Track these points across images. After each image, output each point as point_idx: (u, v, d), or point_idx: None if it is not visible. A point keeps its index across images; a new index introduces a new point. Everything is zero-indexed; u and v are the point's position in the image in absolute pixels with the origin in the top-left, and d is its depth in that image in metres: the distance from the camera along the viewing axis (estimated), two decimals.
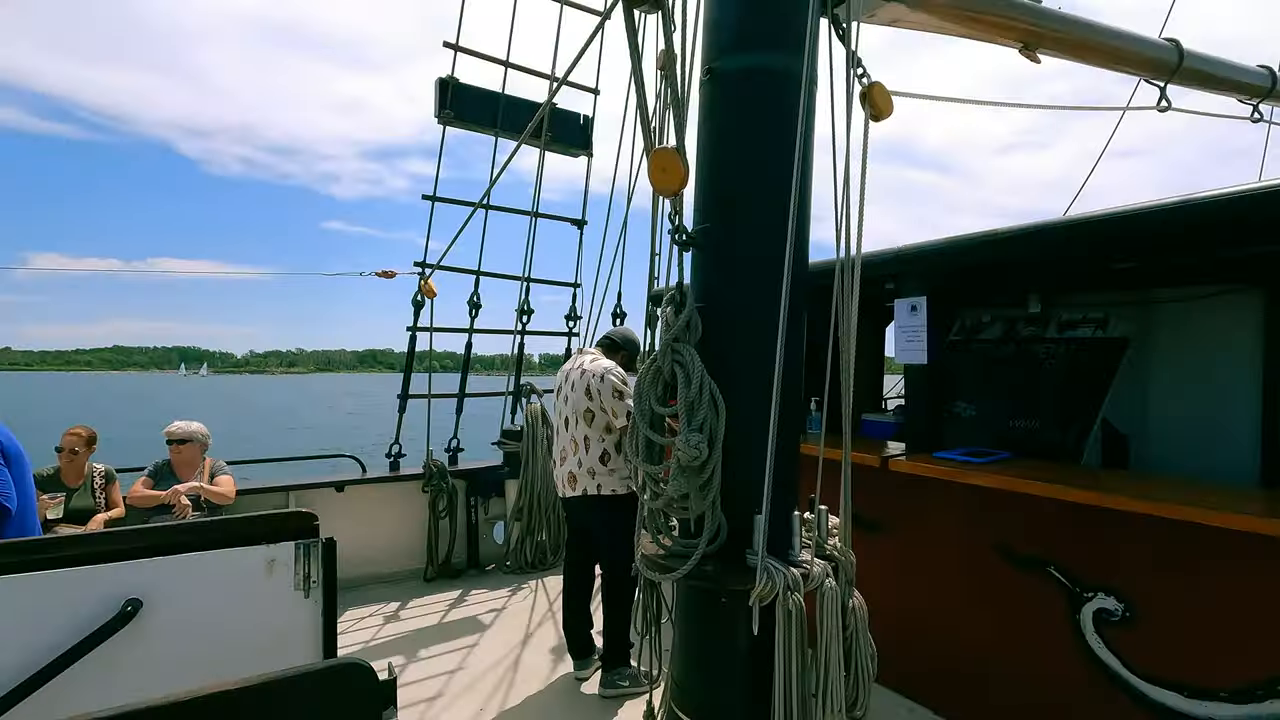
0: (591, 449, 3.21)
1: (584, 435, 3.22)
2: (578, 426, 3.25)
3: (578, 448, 3.25)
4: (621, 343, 3.52)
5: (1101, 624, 2.28)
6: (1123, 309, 3.08)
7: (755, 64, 2.11)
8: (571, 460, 3.27)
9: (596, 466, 3.20)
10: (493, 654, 3.68)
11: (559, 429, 3.40)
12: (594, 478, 3.20)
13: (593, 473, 3.20)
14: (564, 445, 3.35)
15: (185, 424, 4.34)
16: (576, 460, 3.25)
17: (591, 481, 3.20)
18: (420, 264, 5.04)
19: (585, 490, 3.21)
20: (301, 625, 1.98)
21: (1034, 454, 2.88)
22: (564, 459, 3.33)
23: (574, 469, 3.25)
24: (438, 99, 5.06)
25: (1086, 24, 3.17)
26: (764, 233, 2.03)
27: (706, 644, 2.20)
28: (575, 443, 3.26)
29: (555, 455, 3.43)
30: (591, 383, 3.20)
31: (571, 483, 3.27)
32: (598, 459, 3.20)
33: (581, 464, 3.22)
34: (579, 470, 3.23)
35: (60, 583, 1.69)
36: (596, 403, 3.18)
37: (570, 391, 3.30)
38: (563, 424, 3.36)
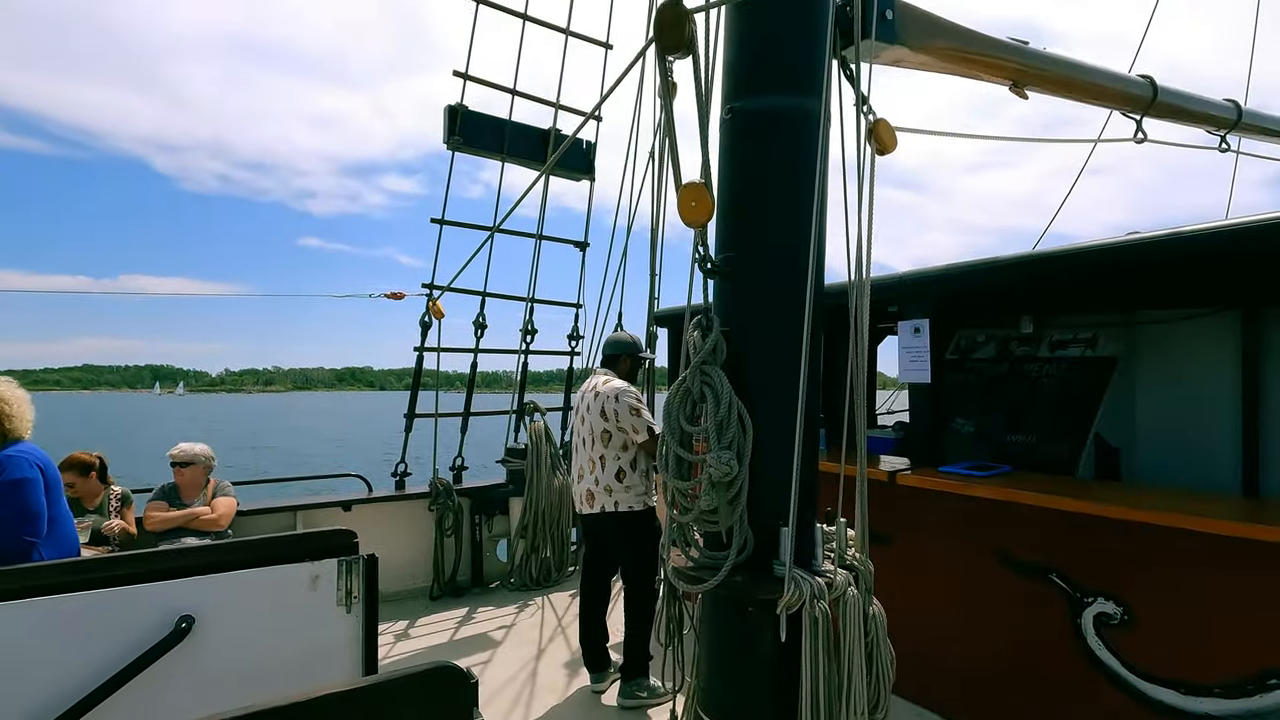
0: (608, 467, 3.33)
1: (600, 455, 3.35)
2: (594, 447, 3.38)
3: (595, 466, 3.37)
4: (619, 349, 3.65)
5: (1102, 627, 2.42)
6: (1111, 329, 3.27)
7: (772, 105, 2.26)
8: (589, 478, 3.40)
9: (613, 484, 3.32)
10: (507, 669, 3.74)
11: (577, 448, 3.53)
12: (610, 495, 3.32)
13: (609, 490, 3.32)
14: (581, 464, 3.47)
15: (189, 446, 4.35)
16: (594, 479, 3.37)
17: (609, 499, 3.32)
18: (429, 285, 5.14)
19: (603, 507, 3.33)
20: (343, 640, 2.05)
21: (1031, 467, 3.04)
22: (581, 477, 3.46)
23: (591, 486, 3.38)
24: (446, 126, 5.19)
25: (1069, 63, 3.39)
26: (784, 261, 2.17)
27: (733, 652, 2.30)
28: (592, 462, 3.39)
29: (574, 473, 3.56)
30: (606, 404, 3.32)
31: (589, 500, 3.39)
32: (614, 477, 3.32)
33: (599, 482, 3.35)
34: (596, 488, 3.35)
35: (118, 600, 1.76)
36: (613, 424, 3.31)
37: (586, 413, 3.43)
38: (580, 443, 3.49)
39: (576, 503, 3.50)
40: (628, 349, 3.65)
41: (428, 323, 5.20)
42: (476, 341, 5.54)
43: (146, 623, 1.76)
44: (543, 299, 5.81)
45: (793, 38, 2.22)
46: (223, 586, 1.87)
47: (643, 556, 3.41)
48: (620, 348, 3.66)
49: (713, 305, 2.26)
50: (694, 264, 2.24)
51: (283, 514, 4.70)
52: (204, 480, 4.32)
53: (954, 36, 2.81)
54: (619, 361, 3.62)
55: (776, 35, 2.23)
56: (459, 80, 5.31)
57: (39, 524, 2.61)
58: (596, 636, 3.51)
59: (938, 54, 2.87)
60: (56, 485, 2.79)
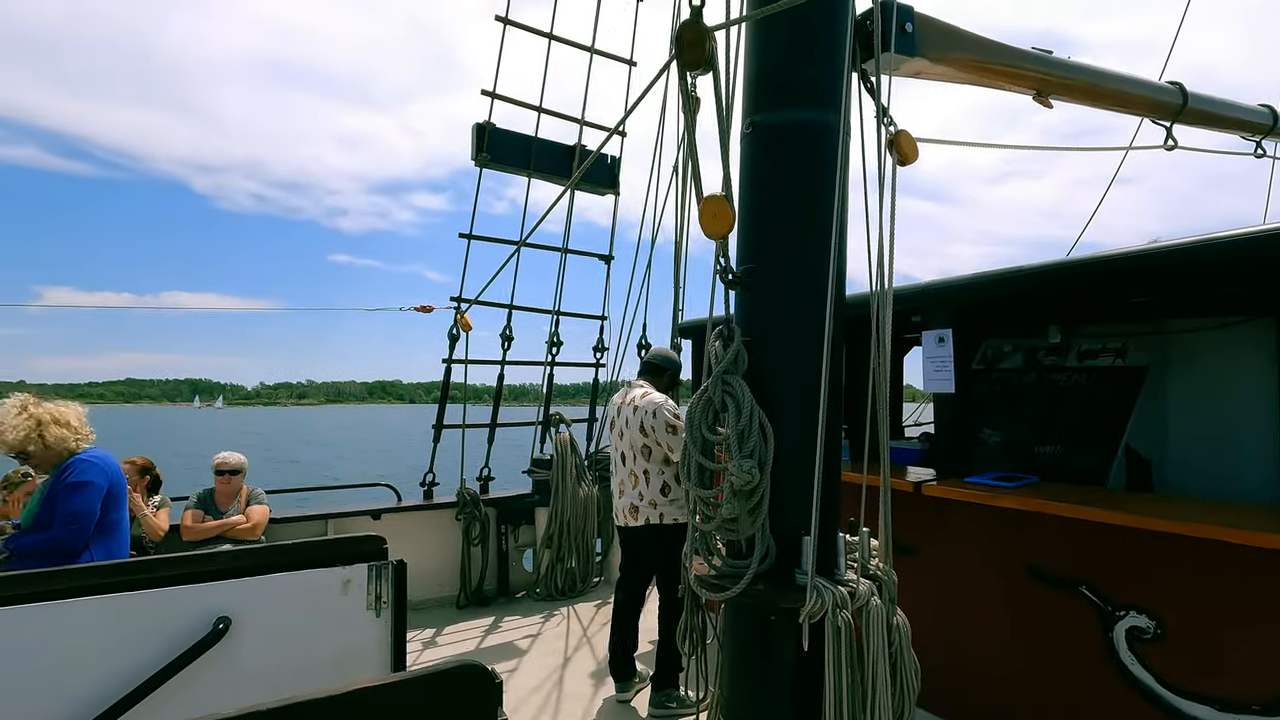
0: (652, 482, 3.35)
1: (643, 470, 3.36)
2: (636, 461, 3.39)
3: (637, 481, 3.38)
4: (663, 363, 3.66)
5: (1134, 641, 2.37)
6: (1141, 339, 3.22)
7: (793, 118, 2.29)
8: (632, 494, 3.40)
9: (658, 498, 3.34)
10: (533, 678, 3.77)
11: (616, 464, 3.54)
12: (656, 508, 3.34)
13: (654, 504, 3.34)
14: (622, 479, 3.48)
15: (232, 455, 4.49)
16: (637, 493, 3.38)
17: (654, 511, 3.34)
18: (456, 299, 5.24)
19: (648, 520, 3.34)
20: (373, 643, 2.10)
21: (1060, 478, 2.99)
22: (623, 492, 3.47)
23: (635, 501, 3.39)
24: (474, 143, 5.32)
25: (1094, 71, 3.36)
26: (805, 272, 2.19)
27: (755, 661, 2.30)
28: (635, 476, 3.39)
29: (614, 488, 3.57)
30: (645, 420, 3.34)
31: (633, 514, 3.40)
32: (659, 491, 3.34)
33: (643, 496, 3.36)
34: (641, 503, 3.36)
35: (160, 601, 1.83)
36: (652, 438, 3.33)
37: (625, 428, 3.44)
38: (619, 459, 3.49)
39: (619, 517, 3.50)
40: (675, 366, 3.66)
41: (456, 335, 5.30)
42: (503, 354, 5.62)
43: (186, 623, 1.83)
44: (568, 311, 5.89)
45: (812, 52, 2.25)
46: (258, 589, 1.93)
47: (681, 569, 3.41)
48: (668, 362, 3.66)
49: (734, 316, 2.30)
50: (715, 275, 2.28)
51: (314, 522, 4.80)
52: (239, 488, 4.45)
53: (975, 48, 2.81)
54: (661, 374, 3.61)
55: (796, 50, 2.27)
56: (486, 99, 5.45)
57: (86, 525, 2.74)
58: (626, 646, 3.52)
59: (958, 65, 2.88)
60: (121, 495, 2.93)
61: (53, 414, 2.90)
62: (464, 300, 5.24)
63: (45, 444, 2.84)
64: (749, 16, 2.27)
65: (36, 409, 2.89)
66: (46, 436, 2.84)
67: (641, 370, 3.74)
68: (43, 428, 2.84)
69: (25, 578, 1.72)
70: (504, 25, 5.49)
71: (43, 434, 2.83)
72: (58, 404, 2.98)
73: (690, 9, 2.05)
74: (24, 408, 2.88)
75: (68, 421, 2.93)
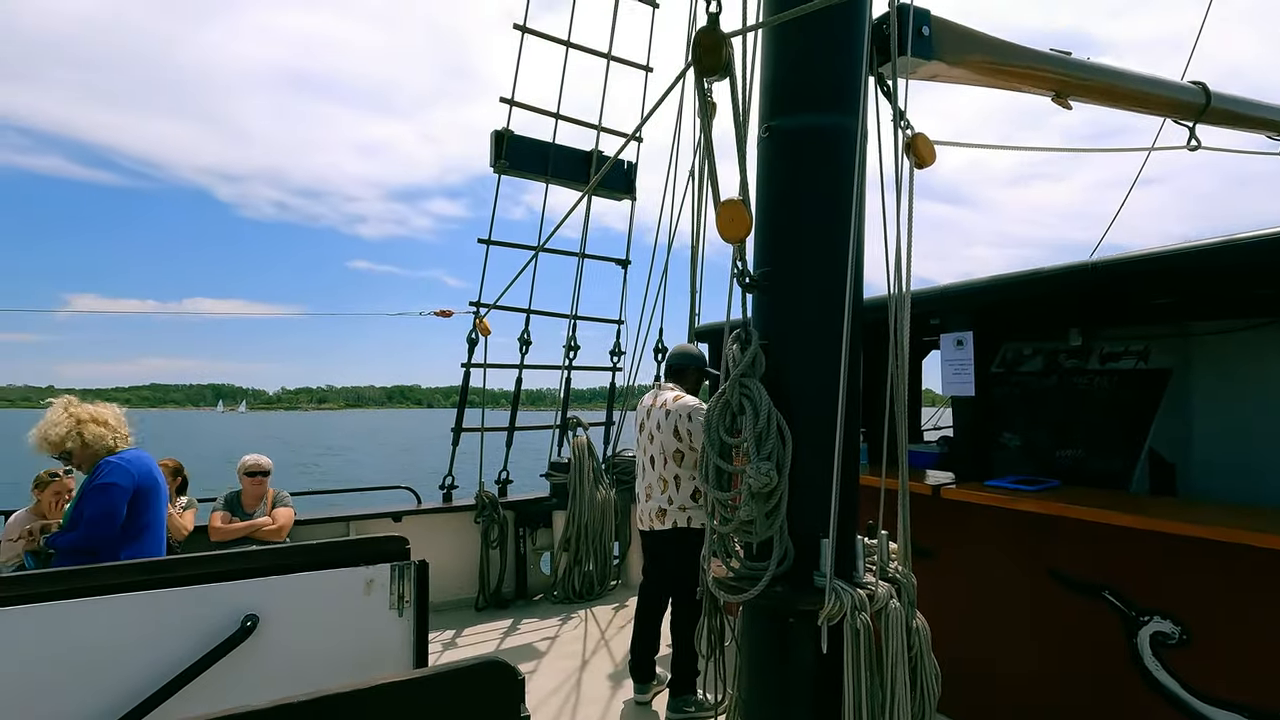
0: (683, 487, 3.32)
1: (674, 474, 3.33)
2: (666, 466, 3.35)
3: (667, 486, 3.35)
4: (684, 361, 3.62)
5: (1159, 647, 2.35)
6: (1164, 341, 3.18)
7: (809, 123, 2.31)
8: (660, 498, 3.37)
9: (688, 503, 3.31)
10: (551, 680, 3.79)
11: (644, 466, 3.49)
12: (685, 512, 3.31)
13: (684, 508, 3.31)
14: (650, 482, 3.43)
15: (260, 457, 4.57)
16: (666, 498, 3.35)
17: (682, 515, 3.31)
18: (475, 303, 5.30)
19: (675, 523, 3.31)
20: (396, 641, 2.13)
21: (1081, 483, 2.97)
22: (650, 495, 3.43)
23: (664, 505, 3.35)
24: (493, 150, 5.38)
25: (1113, 72, 3.34)
26: (823, 275, 2.20)
27: (774, 664, 2.31)
28: (664, 481, 3.36)
29: (639, 491, 3.53)
30: (679, 423, 3.30)
31: (660, 517, 3.36)
32: (689, 496, 3.32)
33: (672, 501, 3.33)
34: (670, 507, 3.33)
35: (191, 598, 1.87)
36: (686, 443, 3.29)
37: (656, 431, 3.39)
38: (648, 462, 3.45)
39: (643, 521, 3.46)
40: (697, 361, 3.60)
41: (474, 339, 5.36)
42: (521, 358, 5.68)
43: (216, 620, 1.87)
44: (585, 316, 5.93)
45: (829, 57, 2.27)
46: (285, 588, 1.97)
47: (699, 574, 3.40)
48: (689, 359, 3.61)
49: (751, 319, 2.31)
50: (733, 279, 2.30)
51: (336, 524, 4.87)
52: (266, 490, 4.53)
53: (992, 50, 2.81)
54: (686, 373, 3.57)
55: (812, 55, 2.28)
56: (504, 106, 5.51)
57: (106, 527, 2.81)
58: (648, 648, 3.52)
59: (976, 68, 2.87)
60: (153, 495, 2.99)
61: (91, 413, 2.99)
62: (483, 305, 5.30)
63: (84, 442, 2.92)
64: (765, 23, 2.29)
65: (76, 409, 2.99)
66: (85, 435, 2.92)
67: (666, 374, 3.69)
68: (81, 426, 2.93)
69: (64, 574, 1.78)
70: (522, 33, 5.55)
71: (81, 432, 2.91)
72: (98, 405, 3.07)
73: (707, 16, 2.08)
74: (65, 407, 2.98)
75: (105, 420, 3.01)
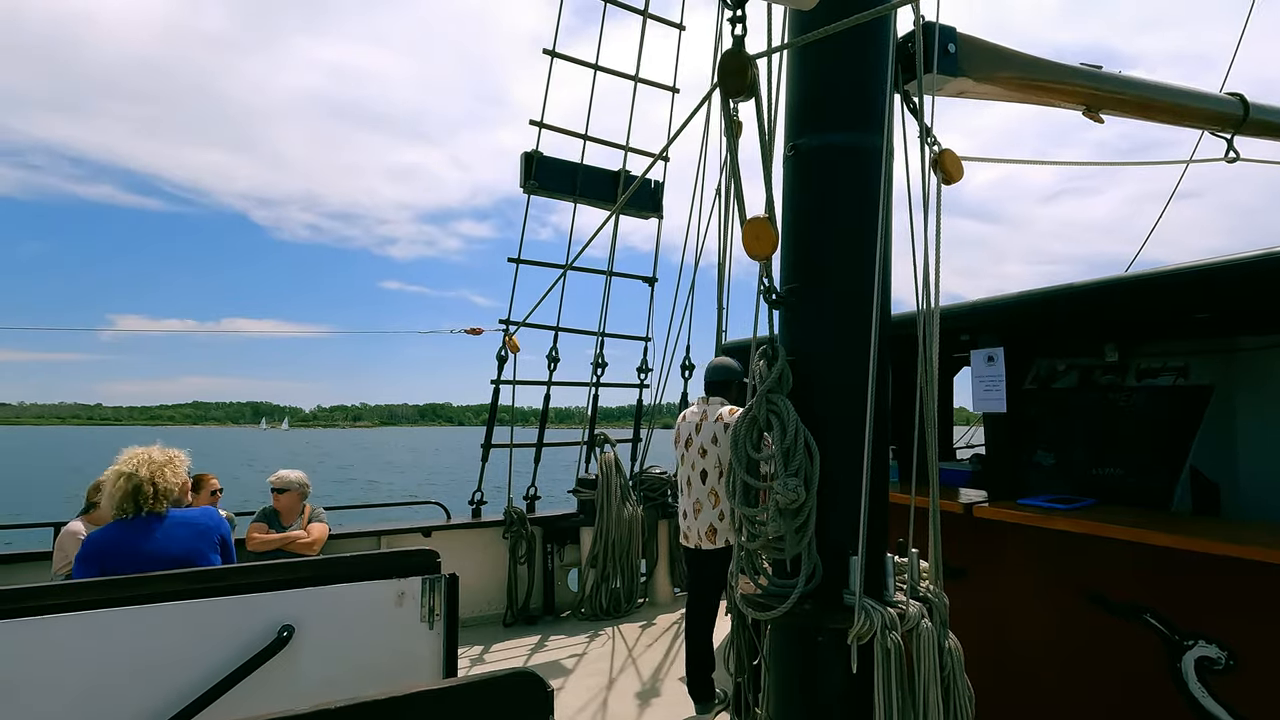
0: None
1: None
2: (720, 481, 3.32)
3: (719, 501, 3.32)
4: (726, 375, 3.58)
5: (1205, 672, 2.26)
6: (1205, 356, 3.10)
7: (835, 141, 2.32)
8: (710, 513, 3.32)
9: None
10: (580, 697, 3.78)
11: (691, 481, 3.44)
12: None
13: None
14: (698, 498, 3.39)
15: (286, 473, 4.68)
16: (717, 513, 3.31)
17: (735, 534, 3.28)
18: (505, 321, 5.39)
19: (728, 541, 3.29)
20: (427, 653, 2.16)
21: (1119, 501, 2.89)
22: (699, 511, 3.38)
23: (715, 521, 3.31)
24: (523, 170, 5.50)
25: (1147, 85, 3.30)
26: (849, 291, 2.21)
27: (802, 683, 2.28)
28: (716, 496, 3.33)
29: (687, 507, 3.47)
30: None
31: (712, 536, 3.33)
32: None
33: (724, 516, 3.29)
34: (720, 524, 3.30)
35: (229, 608, 1.93)
36: None
37: (710, 444, 3.35)
38: (698, 477, 3.41)
39: (691, 539, 3.42)
40: (739, 374, 3.59)
41: (504, 357, 5.44)
42: (549, 375, 5.74)
43: (253, 629, 1.92)
44: (613, 333, 5.98)
45: (854, 76, 2.29)
46: (319, 599, 2.02)
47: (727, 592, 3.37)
48: (731, 373, 3.58)
49: (778, 336, 2.31)
50: (759, 295, 2.31)
51: (368, 538, 4.95)
52: (299, 505, 4.62)
53: (1020, 67, 2.80)
54: (730, 387, 3.55)
55: (838, 74, 2.30)
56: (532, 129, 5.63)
57: None
58: (701, 667, 3.49)
59: (1003, 84, 2.87)
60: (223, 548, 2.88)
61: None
62: (512, 322, 5.38)
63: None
64: (791, 44, 2.32)
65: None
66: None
67: (709, 389, 3.64)
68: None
69: (113, 583, 1.85)
70: (552, 58, 5.68)
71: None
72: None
73: (732, 39, 2.12)
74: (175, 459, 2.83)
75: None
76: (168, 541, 2.53)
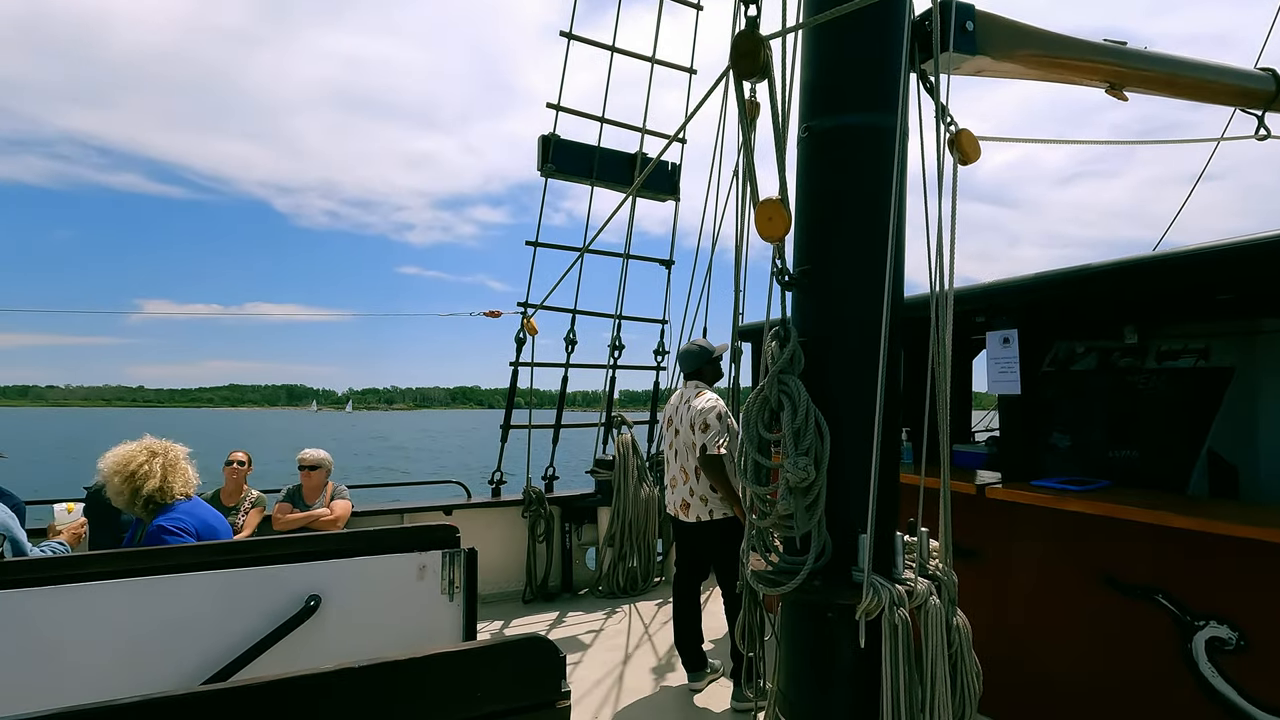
0: (703, 479, 3.44)
1: (694, 466, 3.47)
2: (688, 459, 3.51)
3: (688, 477, 3.51)
4: (694, 362, 3.72)
5: (1215, 652, 2.27)
6: (1226, 339, 3.06)
7: (849, 122, 2.32)
8: (683, 488, 3.54)
9: (708, 494, 3.44)
10: (597, 671, 3.88)
11: (668, 459, 3.67)
12: (706, 504, 3.44)
13: (705, 499, 3.44)
14: (674, 474, 3.61)
15: (314, 452, 4.81)
16: (688, 489, 3.51)
17: (704, 508, 3.44)
18: (523, 304, 5.45)
19: (699, 517, 3.46)
20: (446, 625, 2.23)
21: (1135, 484, 2.88)
22: (674, 486, 3.60)
23: (686, 496, 3.52)
24: (540, 154, 5.52)
25: (1174, 60, 3.22)
26: (862, 272, 2.22)
27: (812, 658, 2.33)
28: (685, 472, 3.52)
29: (666, 481, 3.70)
30: (696, 419, 3.46)
31: (685, 509, 3.53)
32: (709, 487, 3.44)
33: (693, 492, 3.48)
34: (691, 498, 3.49)
35: (259, 578, 2.02)
36: (699, 439, 3.43)
37: (680, 425, 3.58)
38: (672, 454, 3.63)
39: (670, 509, 3.65)
40: (704, 356, 3.73)
41: (522, 339, 5.51)
42: (567, 357, 5.80)
43: (282, 599, 2.01)
44: (630, 316, 6.01)
45: (869, 56, 2.27)
46: (344, 571, 2.10)
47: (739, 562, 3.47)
48: (694, 359, 3.74)
49: (791, 317, 2.33)
50: (772, 277, 2.33)
51: (390, 516, 5.08)
52: (324, 483, 4.75)
53: (1041, 43, 2.76)
54: (703, 372, 3.72)
55: (852, 54, 2.29)
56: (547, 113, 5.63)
57: None
58: (691, 638, 3.63)
59: (1023, 61, 2.82)
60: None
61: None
62: (530, 305, 5.43)
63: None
64: (804, 24, 2.31)
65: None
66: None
67: (685, 378, 3.82)
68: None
69: (154, 553, 1.95)
70: (568, 40, 5.67)
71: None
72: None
73: (745, 20, 2.12)
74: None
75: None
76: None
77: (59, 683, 1.73)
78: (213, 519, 2.78)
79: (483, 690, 1.30)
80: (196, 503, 2.75)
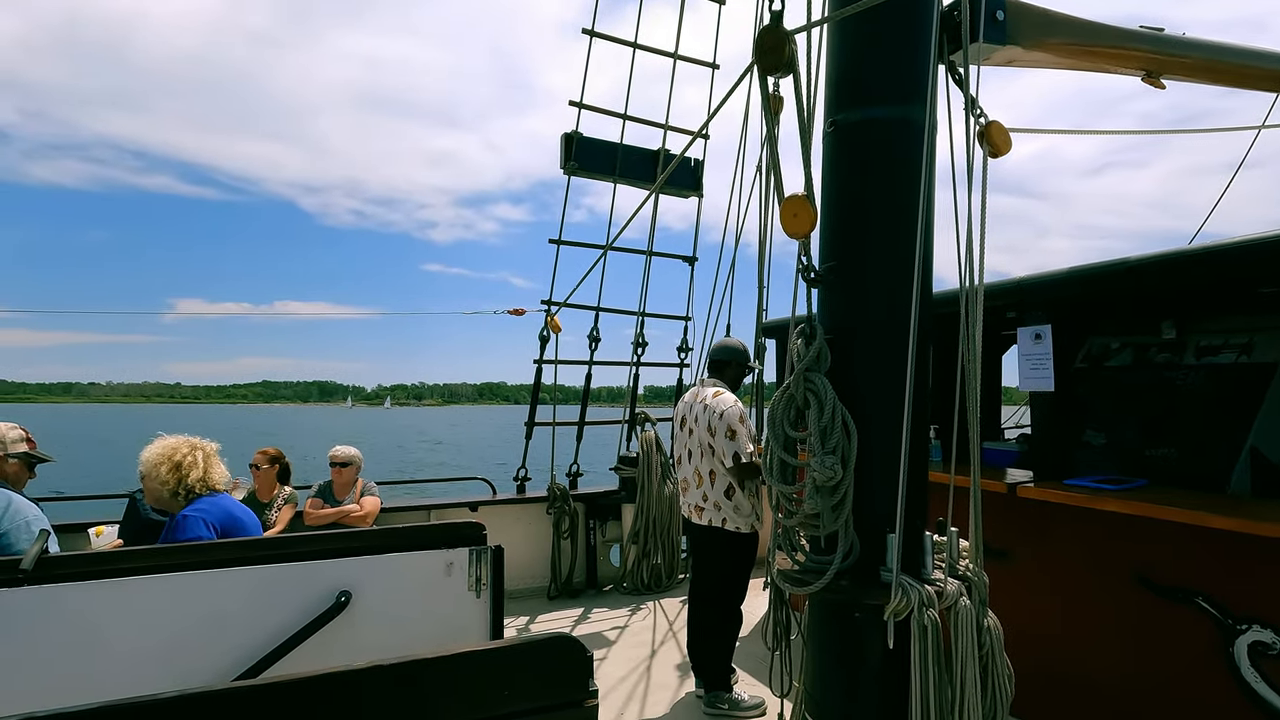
0: (717, 483, 3.35)
1: (709, 470, 3.37)
2: (703, 460, 3.40)
3: (702, 480, 3.39)
4: (724, 355, 3.65)
5: (1259, 657, 2.20)
6: (1269, 334, 2.96)
7: (876, 115, 2.28)
8: (695, 493, 3.43)
9: (722, 501, 3.34)
10: (621, 668, 3.89)
11: (681, 459, 3.55)
12: (719, 511, 3.34)
13: (718, 506, 3.34)
14: (687, 476, 3.50)
15: (345, 449, 4.89)
16: (701, 494, 3.40)
17: (717, 514, 3.35)
18: (547, 302, 5.47)
19: (710, 522, 3.37)
20: (473, 620, 2.26)
21: (1173, 483, 2.80)
22: (687, 489, 3.49)
23: (699, 501, 3.41)
24: (563, 151, 5.53)
25: (1213, 46, 3.12)
26: (889, 268, 2.18)
27: (839, 658, 2.31)
28: (700, 475, 3.41)
29: (679, 482, 3.59)
30: (712, 419, 3.34)
31: (698, 513, 3.43)
32: (723, 494, 3.34)
33: (707, 497, 3.37)
34: (704, 503, 3.39)
35: (292, 574, 2.06)
36: (715, 440, 3.33)
37: (694, 424, 3.45)
38: (685, 455, 3.51)
39: (684, 510, 3.56)
40: (737, 355, 3.64)
41: (546, 337, 5.53)
42: (591, 354, 5.81)
43: (314, 594, 2.05)
44: (653, 313, 6.01)
45: (895, 48, 2.24)
46: (373, 567, 2.14)
47: (737, 578, 3.42)
48: (730, 353, 3.64)
49: (817, 314, 2.31)
50: (798, 274, 2.31)
51: (418, 512, 5.15)
52: (354, 479, 4.83)
53: (1074, 32, 2.69)
54: (727, 368, 3.61)
55: (878, 47, 2.26)
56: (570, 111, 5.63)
57: None
58: (695, 644, 3.55)
59: (1055, 50, 2.75)
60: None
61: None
62: (554, 303, 5.46)
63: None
64: (830, 18, 2.28)
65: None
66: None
67: (709, 368, 3.72)
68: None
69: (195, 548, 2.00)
70: (590, 37, 5.67)
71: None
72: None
73: (770, 15, 2.10)
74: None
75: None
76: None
77: (101, 675, 1.79)
78: (238, 511, 2.85)
79: (512, 689, 1.31)
80: (224, 496, 2.85)
